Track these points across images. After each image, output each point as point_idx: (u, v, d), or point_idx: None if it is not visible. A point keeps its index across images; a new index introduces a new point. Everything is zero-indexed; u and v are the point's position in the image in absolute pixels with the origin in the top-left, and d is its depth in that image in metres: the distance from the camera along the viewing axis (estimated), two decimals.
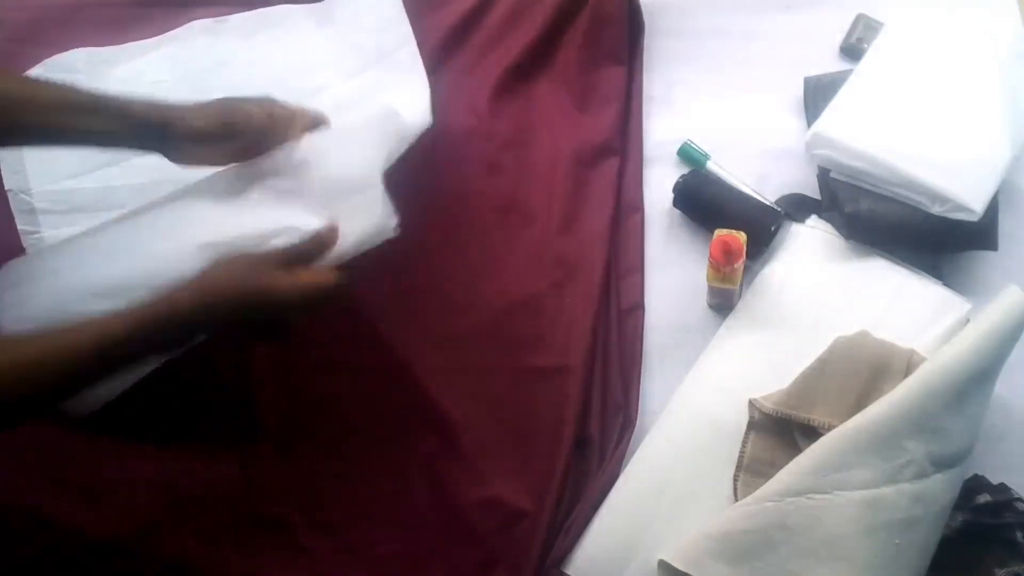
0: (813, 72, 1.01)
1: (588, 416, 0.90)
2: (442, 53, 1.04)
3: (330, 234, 0.79)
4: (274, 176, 0.83)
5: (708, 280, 0.89)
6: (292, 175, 0.82)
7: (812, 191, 0.98)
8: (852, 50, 1.03)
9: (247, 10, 1.07)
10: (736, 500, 0.83)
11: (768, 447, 0.85)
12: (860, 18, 1.04)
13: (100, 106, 0.79)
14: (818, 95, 0.98)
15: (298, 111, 0.85)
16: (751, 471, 0.84)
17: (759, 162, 1.00)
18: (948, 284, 0.91)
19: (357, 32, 1.03)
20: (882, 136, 0.89)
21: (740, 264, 0.86)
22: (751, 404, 0.85)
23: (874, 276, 0.92)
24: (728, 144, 1.01)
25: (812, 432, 0.81)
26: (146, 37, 1.07)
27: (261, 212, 0.81)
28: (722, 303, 0.94)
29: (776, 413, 0.83)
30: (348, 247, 0.81)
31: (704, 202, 0.97)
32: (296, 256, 0.78)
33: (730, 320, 0.93)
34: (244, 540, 0.88)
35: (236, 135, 0.81)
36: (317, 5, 1.06)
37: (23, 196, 0.97)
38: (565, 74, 1.04)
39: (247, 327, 0.81)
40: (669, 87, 1.05)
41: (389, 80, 0.99)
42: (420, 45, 1.03)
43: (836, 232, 0.94)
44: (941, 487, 0.77)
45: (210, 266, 0.75)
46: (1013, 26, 1.01)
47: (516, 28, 1.05)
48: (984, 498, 0.81)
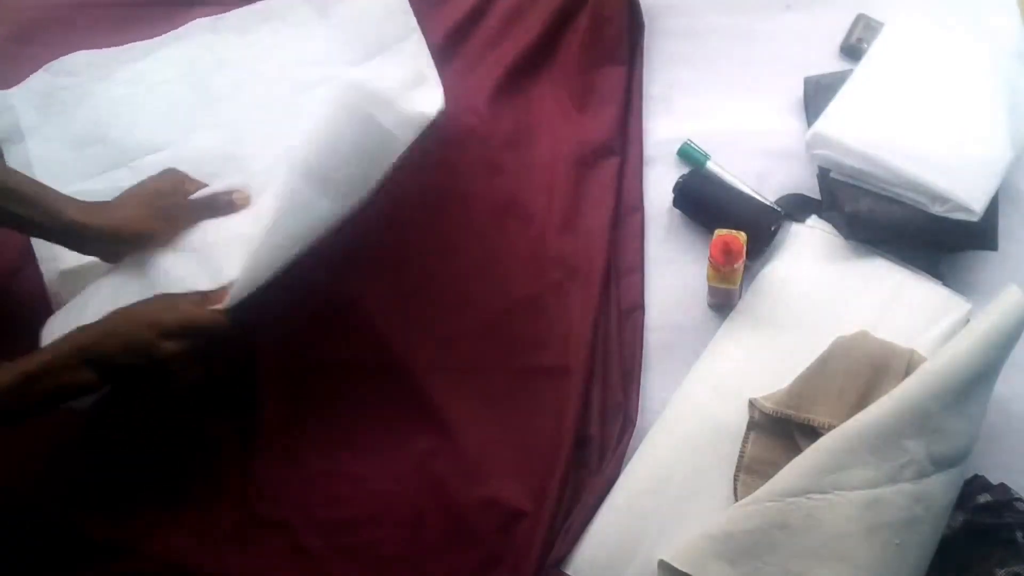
0: (813, 72, 1.01)
1: (588, 416, 0.90)
2: (442, 53, 1.04)
3: (219, 293, 0.82)
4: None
5: (708, 280, 0.89)
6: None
7: (812, 191, 0.98)
8: (852, 50, 1.03)
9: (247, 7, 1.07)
10: (736, 500, 0.83)
11: (768, 447, 0.85)
12: (860, 18, 1.04)
13: (39, 199, 0.83)
14: (818, 95, 0.98)
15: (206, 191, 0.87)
16: (751, 471, 0.84)
17: (759, 162, 1.00)
18: (948, 284, 0.91)
19: (359, 23, 1.03)
20: (882, 136, 0.90)
21: (740, 264, 0.86)
22: (751, 404, 0.85)
23: (874, 276, 0.92)
24: (728, 144, 1.01)
25: (812, 432, 0.81)
26: (146, 37, 1.07)
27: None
28: (722, 303, 0.94)
29: (776, 413, 0.83)
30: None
31: (704, 202, 0.97)
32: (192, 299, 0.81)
33: (730, 320, 0.93)
34: (244, 540, 0.88)
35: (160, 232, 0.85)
36: None
37: None
38: (565, 74, 1.04)
39: (138, 367, 0.80)
40: (669, 87, 1.05)
41: (393, 70, 0.98)
42: None
43: (836, 232, 0.94)
44: (941, 487, 0.77)
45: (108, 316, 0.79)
46: (1013, 26, 1.01)
47: (516, 28, 1.05)
48: (984, 498, 0.81)
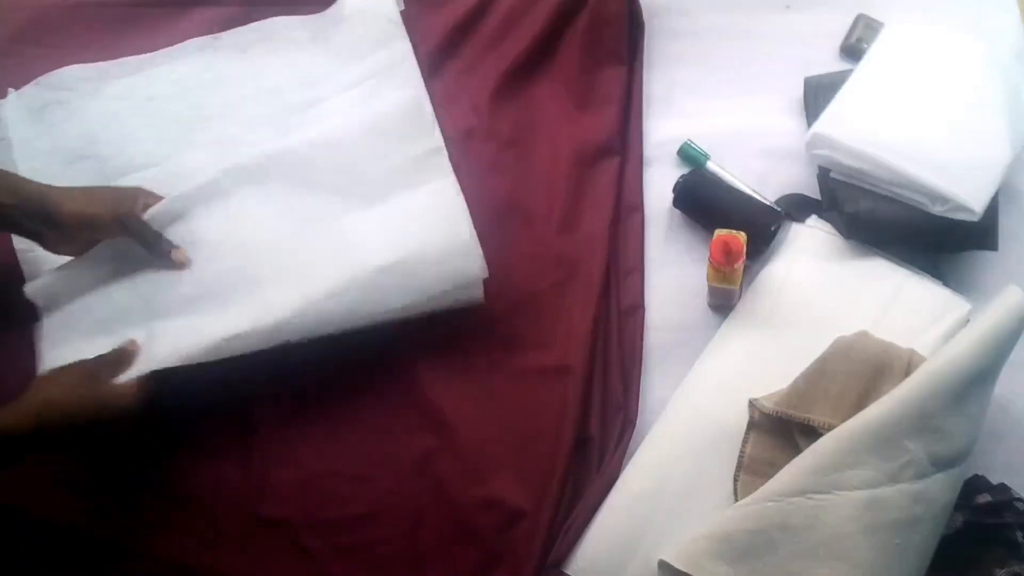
0: (813, 72, 1.01)
1: (588, 416, 0.90)
2: (442, 53, 1.05)
3: (131, 347, 0.83)
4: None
5: (708, 280, 0.89)
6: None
7: (812, 191, 0.98)
8: (852, 50, 1.03)
9: (245, 10, 1.07)
10: (736, 500, 0.83)
11: (768, 447, 0.84)
12: (860, 18, 1.04)
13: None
14: (818, 95, 0.98)
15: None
16: (751, 471, 0.84)
17: (759, 162, 1.00)
18: (948, 284, 0.91)
19: (354, 45, 1.03)
20: (882, 136, 0.89)
21: (740, 264, 0.86)
22: (751, 404, 0.85)
23: (874, 276, 0.92)
24: (728, 144, 1.01)
25: (812, 432, 0.81)
26: (145, 37, 1.07)
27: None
28: (722, 303, 0.94)
29: (776, 413, 0.83)
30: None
31: (704, 202, 0.97)
32: (106, 366, 0.82)
33: (730, 320, 0.93)
34: (244, 540, 0.88)
35: (121, 227, 0.86)
36: (313, 17, 1.06)
37: None
38: (565, 74, 1.04)
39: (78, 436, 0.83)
40: (669, 87, 1.05)
41: (385, 93, 0.99)
42: (420, 45, 1.04)
43: (836, 232, 0.94)
44: (941, 487, 0.77)
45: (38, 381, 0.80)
46: (1013, 26, 1.01)
47: (516, 28, 1.05)
48: (984, 498, 0.81)
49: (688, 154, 1.01)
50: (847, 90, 0.94)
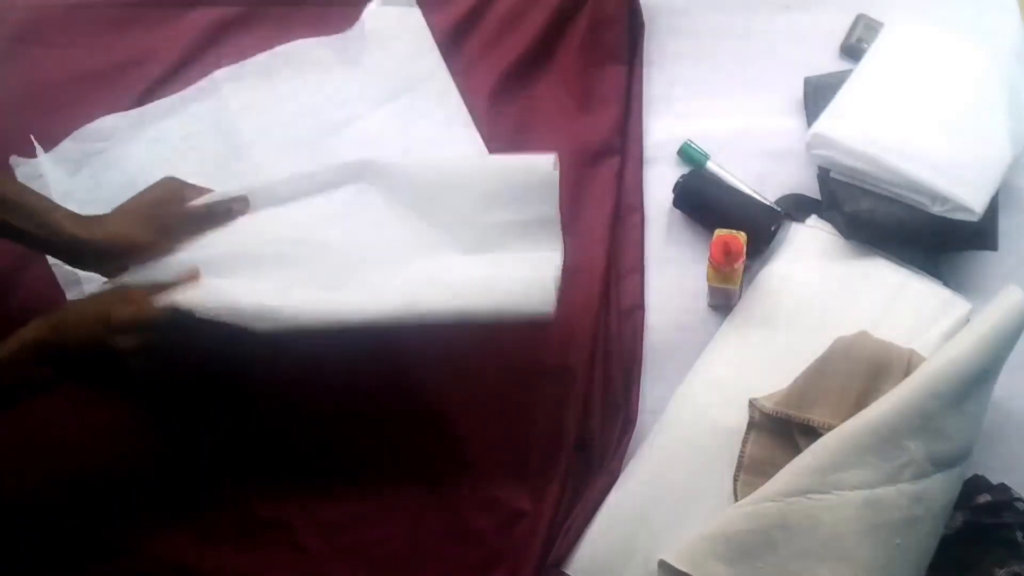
0: (813, 72, 1.01)
1: (588, 416, 0.90)
2: (442, 53, 1.04)
3: (192, 272, 0.80)
4: None
5: (708, 280, 0.89)
6: None
7: (812, 191, 0.98)
8: (852, 50, 1.03)
9: (245, 11, 1.07)
10: (736, 500, 0.83)
11: (768, 447, 0.84)
12: (860, 18, 1.04)
13: (39, 213, 0.80)
14: (818, 95, 0.98)
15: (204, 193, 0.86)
16: (751, 471, 0.84)
17: (759, 162, 1.00)
18: (948, 284, 0.91)
19: (384, 62, 1.03)
20: (882, 136, 0.89)
21: (740, 264, 0.86)
22: (751, 404, 0.85)
23: (874, 276, 0.92)
24: (728, 144, 1.01)
25: (812, 432, 0.81)
26: (145, 37, 1.06)
27: None
28: (722, 303, 0.94)
29: (776, 413, 0.83)
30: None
31: (704, 202, 0.97)
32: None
33: (730, 320, 0.93)
34: (244, 540, 0.88)
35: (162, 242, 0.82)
36: (337, 37, 1.05)
37: None
38: (565, 74, 1.04)
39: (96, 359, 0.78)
40: (669, 87, 1.05)
41: (422, 107, 1.00)
42: None
43: (836, 232, 0.94)
44: (941, 487, 0.77)
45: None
46: (1013, 26, 1.01)
47: (516, 28, 1.04)
48: (984, 498, 0.81)
49: (688, 154, 1.01)
50: (847, 90, 0.94)
